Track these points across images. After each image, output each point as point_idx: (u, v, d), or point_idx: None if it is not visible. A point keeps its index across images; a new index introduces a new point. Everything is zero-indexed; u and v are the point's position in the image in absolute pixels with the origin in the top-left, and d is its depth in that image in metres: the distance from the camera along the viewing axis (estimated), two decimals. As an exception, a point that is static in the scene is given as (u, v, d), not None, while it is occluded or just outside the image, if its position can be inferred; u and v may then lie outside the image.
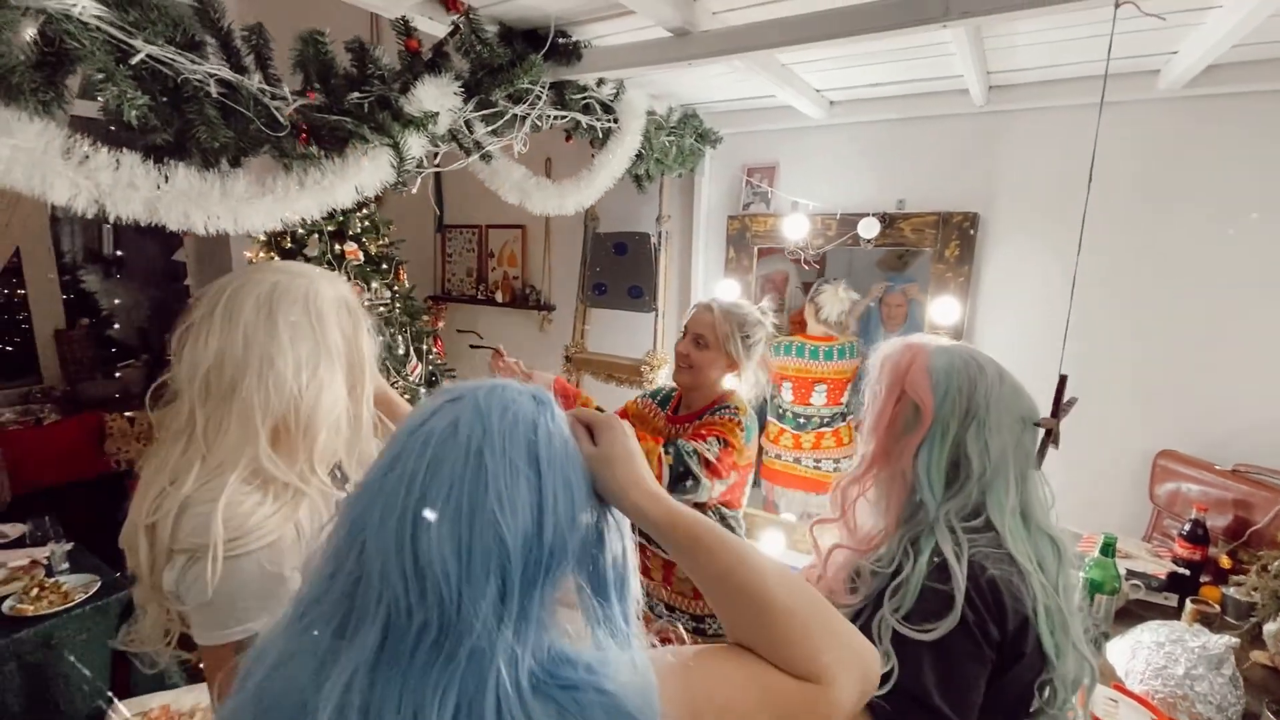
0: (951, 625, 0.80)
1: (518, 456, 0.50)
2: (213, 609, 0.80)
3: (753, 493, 2.73)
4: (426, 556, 0.46)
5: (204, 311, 0.83)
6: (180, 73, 0.88)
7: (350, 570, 0.49)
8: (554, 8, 1.43)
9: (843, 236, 2.37)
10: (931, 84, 2.06)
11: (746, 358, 1.58)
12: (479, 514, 0.47)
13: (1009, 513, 0.88)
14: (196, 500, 0.81)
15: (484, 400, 0.52)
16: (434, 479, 0.48)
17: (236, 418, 0.82)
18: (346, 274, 2.57)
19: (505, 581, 0.47)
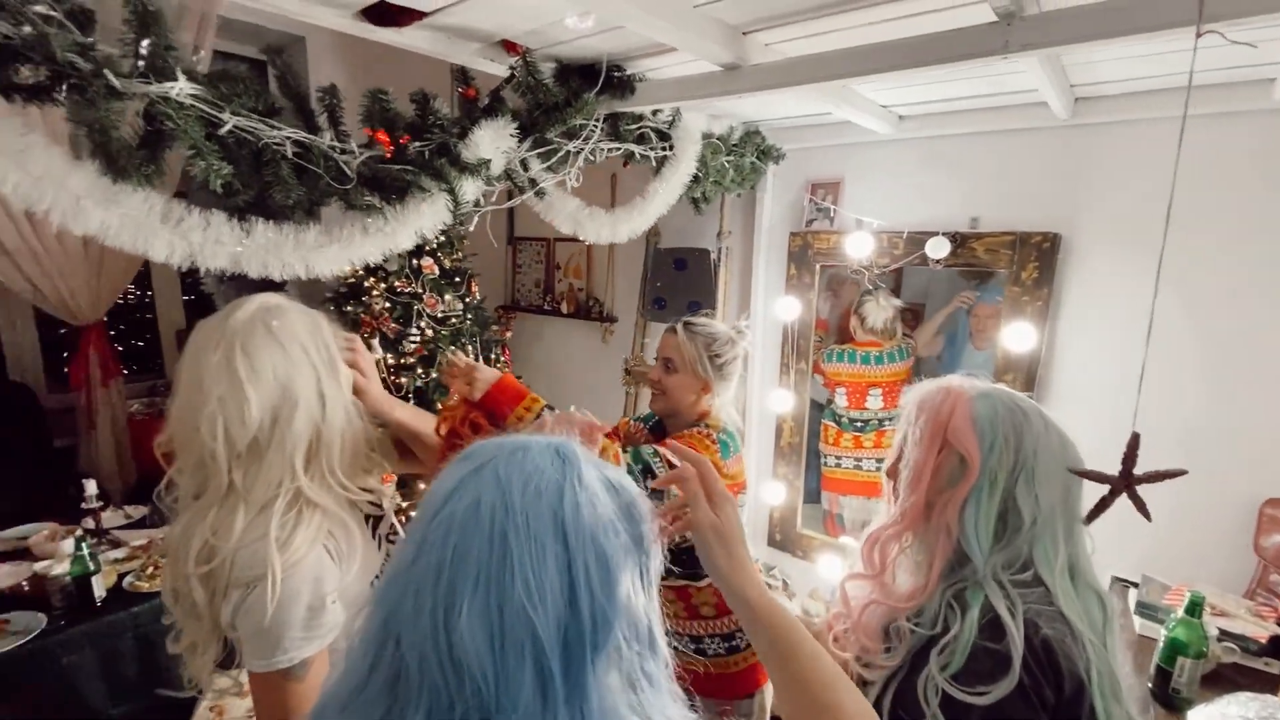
0: (1009, 688, 0.76)
1: (543, 534, 0.48)
2: (263, 637, 0.84)
3: (811, 510, 2.72)
4: (461, 649, 0.45)
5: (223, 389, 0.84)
6: (261, 138, 0.98)
7: (389, 662, 0.48)
8: (607, 46, 1.47)
9: (910, 255, 2.28)
10: (1008, 97, 1.96)
11: (719, 378, 1.54)
12: (508, 604, 0.46)
13: (1059, 569, 0.85)
14: (246, 537, 0.85)
15: (504, 471, 0.51)
16: (460, 568, 0.47)
17: (275, 463, 0.87)
18: (423, 286, 2.74)
19: (542, 669, 0.46)
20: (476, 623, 0.45)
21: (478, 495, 0.49)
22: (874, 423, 2.56)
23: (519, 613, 0.46)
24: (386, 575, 0.51)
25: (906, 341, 2.50)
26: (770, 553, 2.82)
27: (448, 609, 0.46)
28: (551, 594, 0.47)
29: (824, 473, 2.69)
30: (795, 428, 2.69)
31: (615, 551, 0.50)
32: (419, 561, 0.49)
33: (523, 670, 0.45)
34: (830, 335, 2.64)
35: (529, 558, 0.47)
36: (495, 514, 0.48)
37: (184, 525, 0.89)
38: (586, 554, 0.49)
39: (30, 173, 0.78)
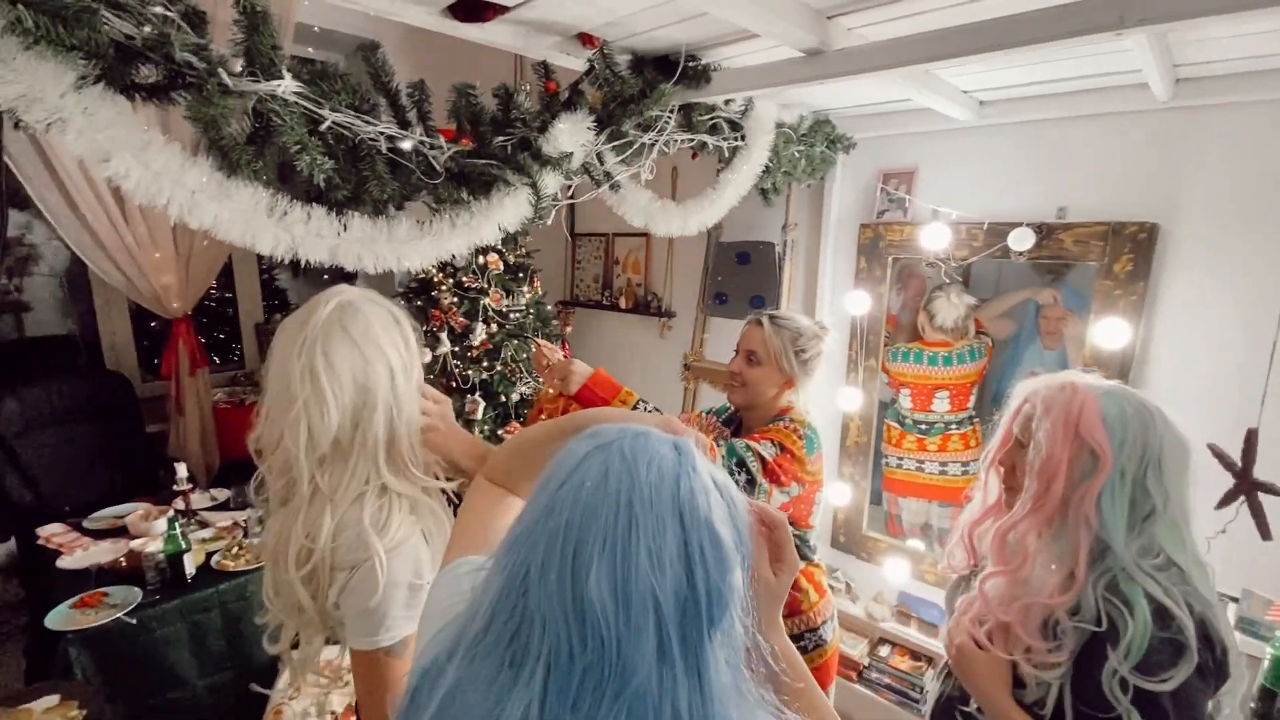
0: (1190, 671, 0.85)
1: (664, 511, 0.51)
2: (369, 617, 0.88)
3: (874, 511, 2.64)
4: (589, 600, 0.48)
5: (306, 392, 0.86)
6: (358, 134, 1.01)
7: (512, 614, 0.52)
8: (684, 35, 1.45)
9: (991, 247, 2.18)
10: (1103, 79, 1.84)
11: (802, 373, 1.52)
12: (632, 564, 0.49)
13: (1188, 550, 0.94)
14: (346, 523, 0.89)
15: (629, 450, 0.54)
16: (589, 530, 0.50)
17: (359, 461, 0.90)
18: (488, 282, 2.79)
19: (662, 629, 0.49)
20: (604, 580, 0.48)
21: (606, 467, 0.53)
22: (939, 425, 2.46)
23: (643, 576, 0.49)
24: (511, 536, 0.55)
25: (980, 340, 2.39)
26: (834, 554, 2.75)
27: (576, 566, 0.49)
28: (671, 565, 0.50)
29: (884, 472, 2.62)
30: (862, 427, 2.61)
31: (727, 540, 0.53)
32: (548, 522, 0.52)
33: (645, 629, 0.48)
34: (900, 331, 2.55)
35: (651, 528, 0.50)
36: (622, 484, 0.51)
37: (277, 530, 0.92)
38: (702, 536, 0.52)
39: (150, 169, 0.83)
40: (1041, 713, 0.95)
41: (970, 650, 1.01)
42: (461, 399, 2.67)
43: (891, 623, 2.55)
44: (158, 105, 0.85)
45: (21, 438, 2.92)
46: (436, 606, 0.68)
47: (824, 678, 1.67)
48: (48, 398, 3.02)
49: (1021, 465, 1.04)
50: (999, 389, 2.41)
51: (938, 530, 2.55)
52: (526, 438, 0.83)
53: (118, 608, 2.00)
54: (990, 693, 0.98)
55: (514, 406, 2.80)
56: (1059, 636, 0.93)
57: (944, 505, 2.51)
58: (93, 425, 3.14)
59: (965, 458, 2.45)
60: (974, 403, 2.43)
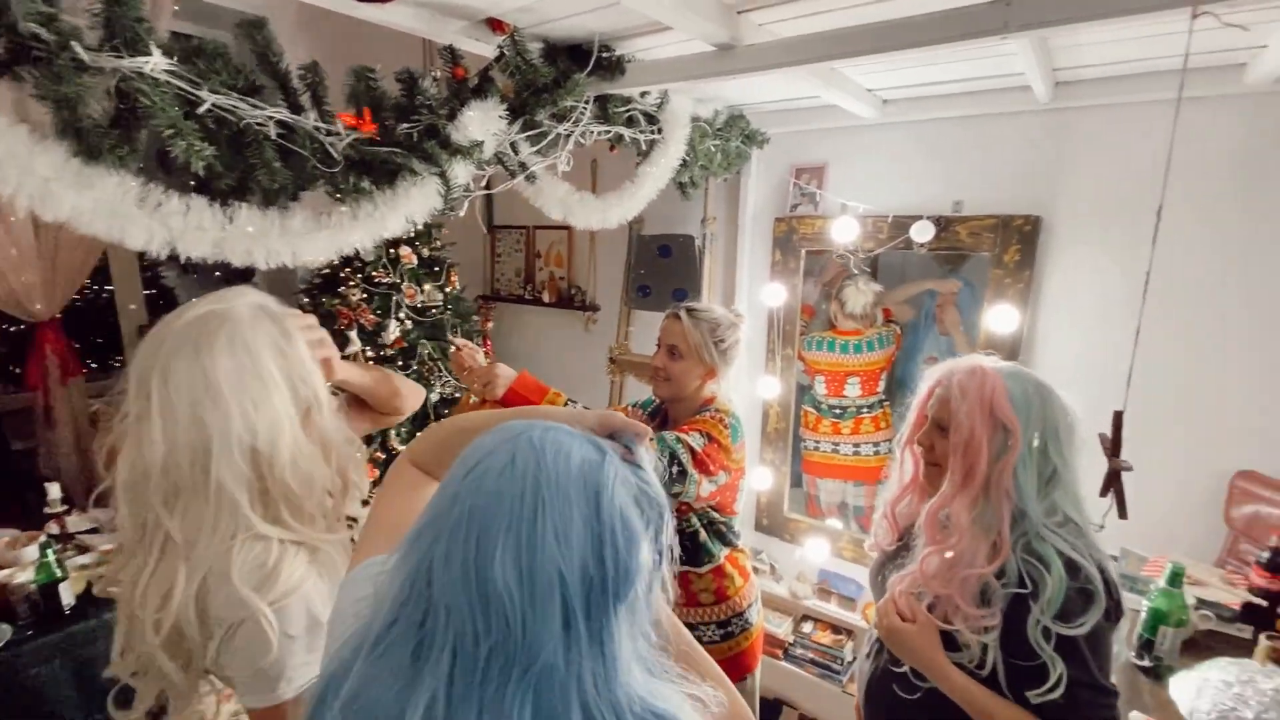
0: (1099, 614, 0.96)
1: (571, 492, 0.53)
2: (263, 676, 0.79)
3: (794, 494, 2.74)
4: (493, 586, 0.49)
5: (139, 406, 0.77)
6: (243, 118, 0.93)
7: (417, 604, 0.52)
8: (597, 24, 1.43)
9: (895, 239, 2.30)
10: (992, 81, 1.97)
11: (723, 362, 1.56)
12: (538, 545, 0.50)
13: (1081, 508, 1.06)
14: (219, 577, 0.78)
15: (538, 439, 0.56)
16: (495, 516, 0.51)
17: (219, 512, 0.78)
18: (401, 277, 2.67)
19: (568, 605, 0.50)
20: (509, 563, 0.50)
21: (513, 454, 0.54)
22: (852, 410, 2.59)
23: (549, 556, 0.50)
24: (415, 529, 0.55)
25: (889, 328, 2.52)
26: (758, 537, 2.84)
27: (480, 552, 0.50)
28: (578, 544, 0.52)
29: (803, 456, 2.73)
30: (781, 414, 2.70)
31: (635, 521, 0.55)
32: (452, 511, 0.53)
33: (550, 607, 0.50)
34: (817, 321, 2.65)
35: (558, 509, 0.52)
36: (528, 470, 0.53)
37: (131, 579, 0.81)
38: (611, 515, 0.54)
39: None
40: (979, 671, 1.04)
41: (902, 627, 1.09)
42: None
43: (813, 600, 2.66)
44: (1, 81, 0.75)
45: None
46: (345, 610, 0.66)
47: (750, 659, 1.71)
48: (-115, 414, 2.64)
49: (941, 445, 1.13)
50: (903, 373, 2.55)
51: (853, 508, 2.68)
52: (460, 423, 0.80)
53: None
54: (928, 659, 1.07)
55: (433, 407, 2.70)
56: (991, 601, 1.02)
57: (858, 484, 2.65)
58: (-57, 445, 2.77)
59: (877, 439, 2.59)
60: (883, 387, 2.56)
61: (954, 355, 2.45)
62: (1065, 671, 0.95)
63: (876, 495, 2.61)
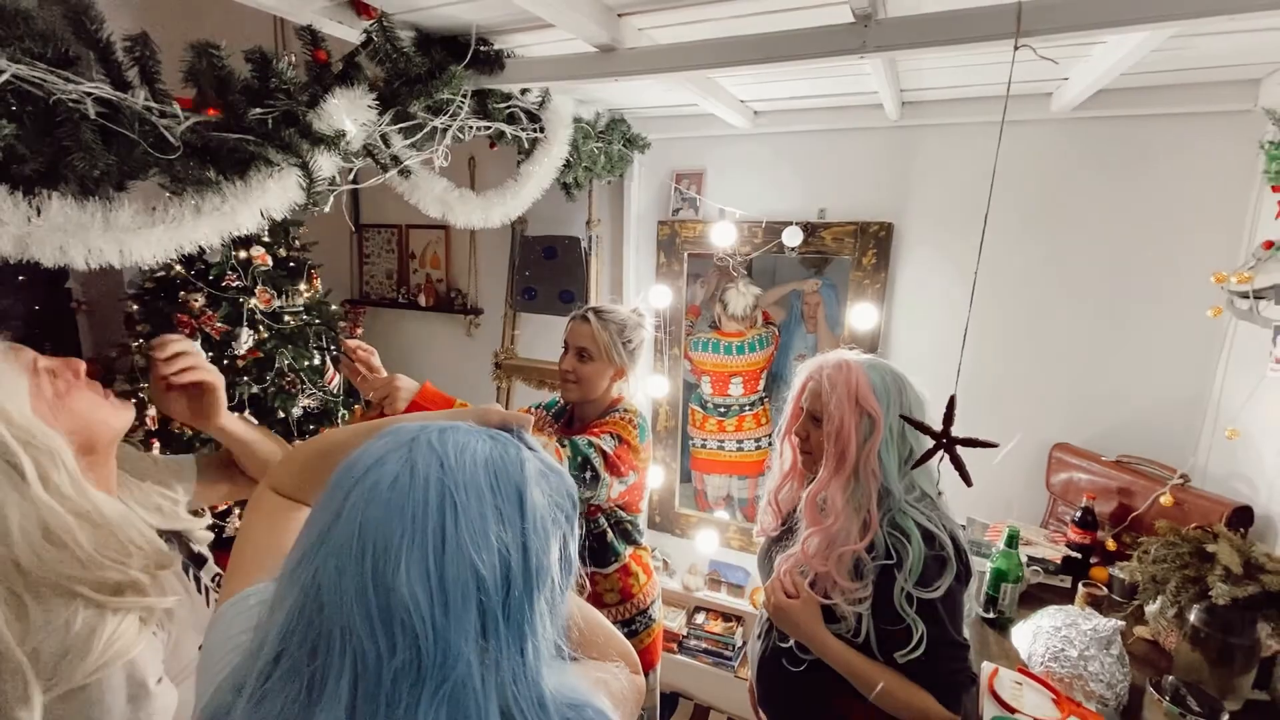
0: (952, 578, 1.08)
1: (481, 489, 0.51)
2: None
3: (684, 489, 2.81)
4: (397, 600, 0.46)
5: None
6: (52, 93, 0.78)
7: (307, 629, 0.48)
8: (474, 16, 1.38)
9: (769, 244, 2.43)
10: (850, 98, 2.14)
11: (631, 362, 1.60)
12: (450, 552, 0.48)
13: (933, 483, 1.19)
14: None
15: (437, 441, 0.52)
16: (392, 525, 0.48)
17: None
18: (253, 280, 2.41)
19: (485, 607, 0.48)
20: (415, 574, 0.46)
21: (411, 461, 0.51)
22: (735, 408, 2.71)
23: (464, 561, 0.48)
24: (298, 552, 0.51)
25: (768, 330, 2.66)
26: (651, 534, 2.88)
27: (379, 568, 0.47)
28: (497, 541, 0.49)
29: (692, 453, 2.81)
30: (670, 412, 2.76)
31: (545, 513, 0.54)
32: (341, 528, 0.49)
33: (466, 613, 0.47)
34: (703, 321, 2.74)
35: (472, 510, 0.49)
36: (431, 475, 0.50)
37: None
38: (532, 506, 0.52)
39: None
40: (855, 640, 1.14)
41: (787, 603, 1.17)
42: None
43: (704, 591, 2.74)
44: None
45: None
46: (220, 646, 0.58)
47: (653, 655, 1.73)
48: None
49: (815, 435, 1.22)
50: (776, 370, 2.71)
51: (738, 500, 2.80)
52: (324, 444, 0.74)
53: None
54: (810, 632, 1.15)
55: (296, 423, 2.47)
56: (864, 574, 1.12)
57: (742, 479, 2.77)
58: None
59: (758, 434, 2.72)
60: (763, 385, 2.70)
61: (818, 351, 2.69)
62: (925, 631, 1.06)
63: (759, 486, 2.75)
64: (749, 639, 2.66)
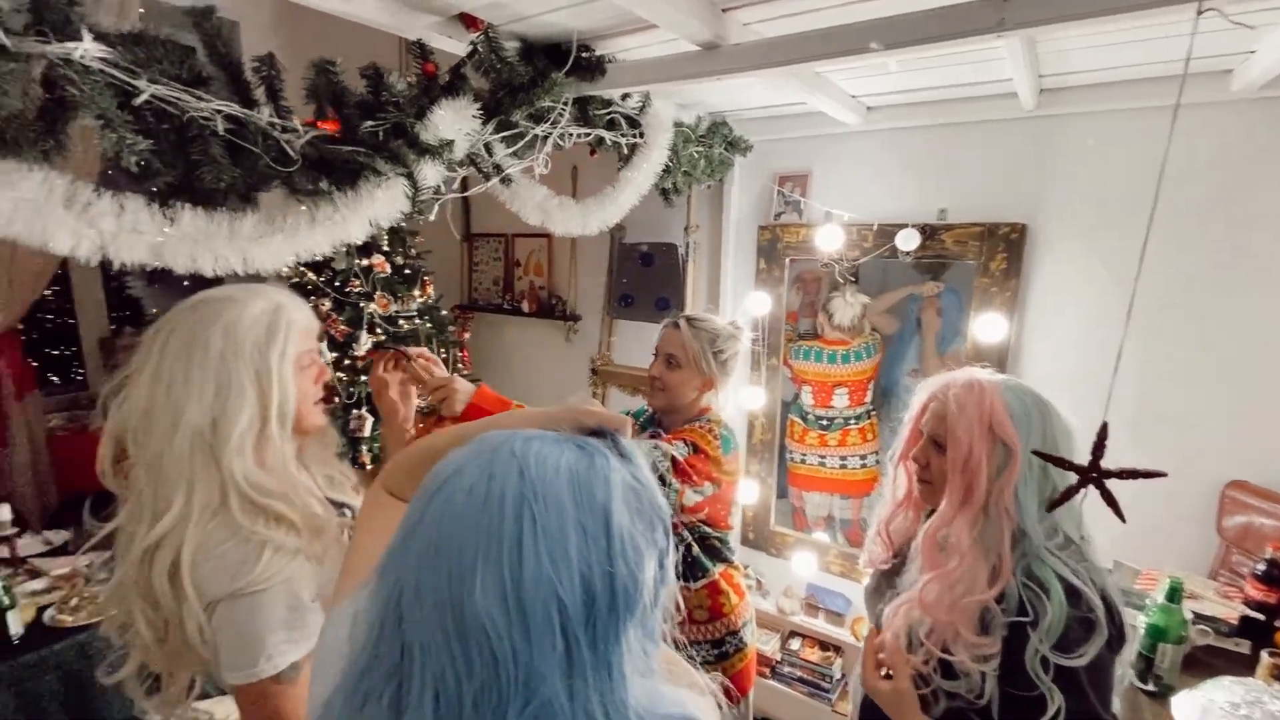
0: (1101, 644, 0.91)
1: (564, 504, 0.47)
2: (244, 649, 0.82)
3: (780, 506, 2.68)
4: (473, 619, 0.43)
5: (129, 370, 0.85)
6: (186, 111, 0.85)
7: (391, 643, 0.46)
8: (576, 23, 1.37)
9: (880, 248, 2.26)
10: (977, 88, 1.95)
11: (721, 373, 1.53)
12: (528, 567, 0.44)
13: (1080, 526, 1.02)
14: (207, 553, 0.82)
15: (519, 450, 0.49)
16: (467, 536, 0.45)
17: (180, 468, 0.83)
18: (373, 286, 2.58)
19: (568, 633, 0.45)
20: (491, 591, 0.44)
21: (490, 472, 0.48)
22: (839, 421, 2.54)
23: (542, 579, 0.44)
24: (381, 562, 0.49)
25: (874, 338, 2.49)
26: (744, 551, 2.77)
27: (455, 582, 0.44)
28: (579, 560, 0.46)
29: (789, 468, 2.67)
30: (767, 425, 2.64)
31: (633, 531, 0.49)
32: (419, 539, 0.47)
33: (548, 635, 0.44)
34: (800, 327, 2.61)
35: (552, 524, 0.46)
36: (508, 487, 0.47)
37: (138, 544, 0.84)
38: (618, 522, 0.48)
39: (-111, 145, 0.64)
40: (977, 702, 0.98)
41: (877, 689, 1.04)
42: (345, 415, 2.45)
43: (800, 616, 2.60)
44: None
45: None
46: (331, 651, 0.58)
47: (745, 680, 1.66)
48: None
49: (937, 462, 1.07)
50: (887, 383, 2.52)
51: (839, 521, 2.63)
52: (428, 445, 0.74)
53: (-83, 683, 1.66)
54: None
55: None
56: (991, 629, 0.97)
57: (845, 498, 2.60)
58: (-115, 464, 2.61)
59: (864, 450, 2.54)
60: (870, 398, 2.52)
61: (905, 364, 2.48)
62: (1063, 704, 0.90)
63: (864, 508, 2.57)
64: (849, 672, 2.49)
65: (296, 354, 0.90)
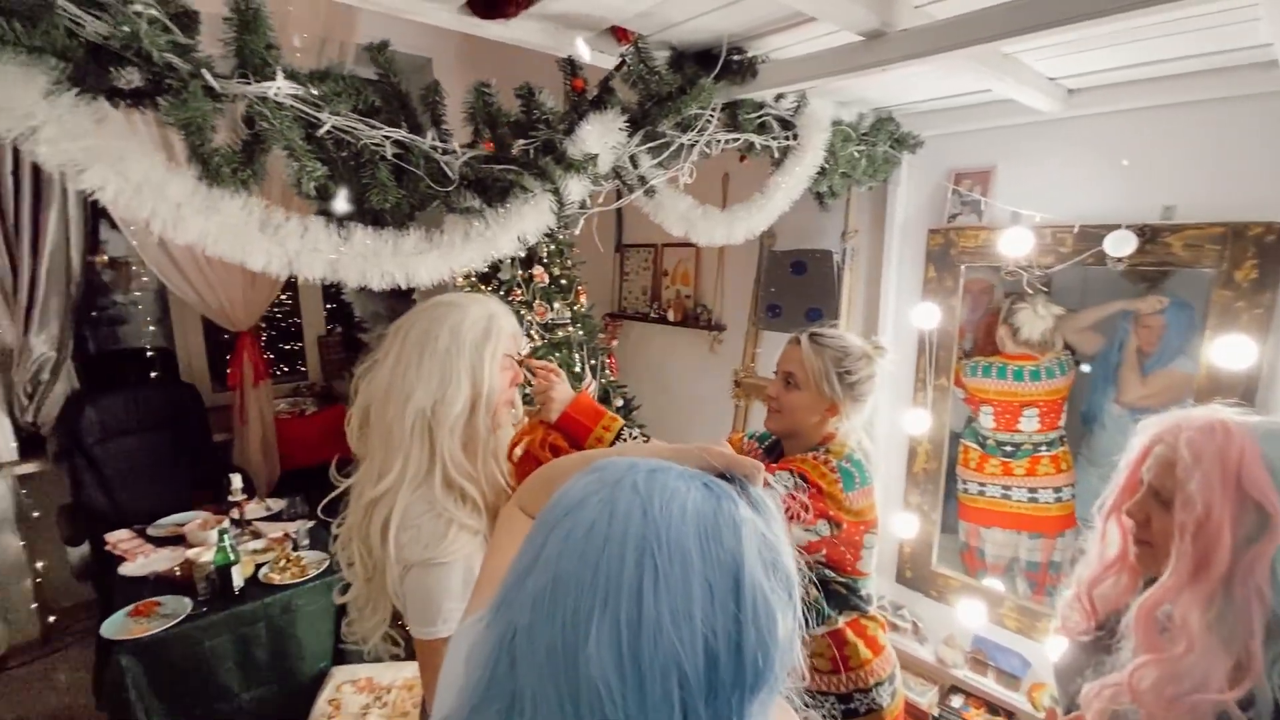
0: None
1: (690, 554, 0.42)
2: (425, 610, 0.95)
3: (945, 542, 2.39)
4: (585, 676, 0.40)
5: (377, 355, 1.01)
6: (360, 139, 0.94)
7: (504, 684, 0.44)
8: (726, 25, 1.32)
9: (1081, 253, 1.93)
10: (1221, 59, 1.58)
11: (848, 398, 1.33)
12: (649, 626, 0.40)
13: None
14: (409, 520, 0.96)
15: (644, 486, 0.45)
16: (586, 581, 0.41)
17: (402, 440, 0.96)
18: (533, 295, 2.73)
19: (688, 705, 0.40)
20: (606, 649, 0.39)
21: (611, 508, 0.44)
22: (1027, 447, 2.20)
23: (664, 642, 0.39)
24: (500, 593, 0.47)
25: (1064, 355, 2.13)
26: (899, 590, 2.52)
27: (570, 631, 0.41)
28: (703, 622, 0.40)
29: (961, 500, 2.36)
30: (932, 452, 2.37)
31: (766, 594, 0.43)
32: (536, 576, 0.44)
33: (664, 704, 0.39)
34: (966, 343, 2.31)
35: (675, 578, 0.41)
36: (631, 526, 0.42)
37: (358, 486, 1.00)
38: (739, 586, 0.42)
39: (130, 180, 0.78)
40: None
41: None
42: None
43: (965, 670, 2.29)
44: (140, 111, 0.81)
45: (100, 445, 3.07)
46: (448, 671, 0.58)
47: None
48: (126, 407, 3.17)
49: (1161, 521, 0.88)
50: (1089, 409, 2.14)
51: (1025, 563, 2.27)
52: (559, 465, 0.73)
53: (169, 618, 2.03)
54: None
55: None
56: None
57: (1035, 536, 2.25)
58: (165, 434, 3.27)
59: (1059, 482, 2.19)
60: (1063, 421, 2.16)
61: (1114, 388, 2.05)
62: None
63: (1056, 550, 2.21)
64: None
65: (503, 355, 1.03)
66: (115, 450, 3.11)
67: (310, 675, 2.32)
